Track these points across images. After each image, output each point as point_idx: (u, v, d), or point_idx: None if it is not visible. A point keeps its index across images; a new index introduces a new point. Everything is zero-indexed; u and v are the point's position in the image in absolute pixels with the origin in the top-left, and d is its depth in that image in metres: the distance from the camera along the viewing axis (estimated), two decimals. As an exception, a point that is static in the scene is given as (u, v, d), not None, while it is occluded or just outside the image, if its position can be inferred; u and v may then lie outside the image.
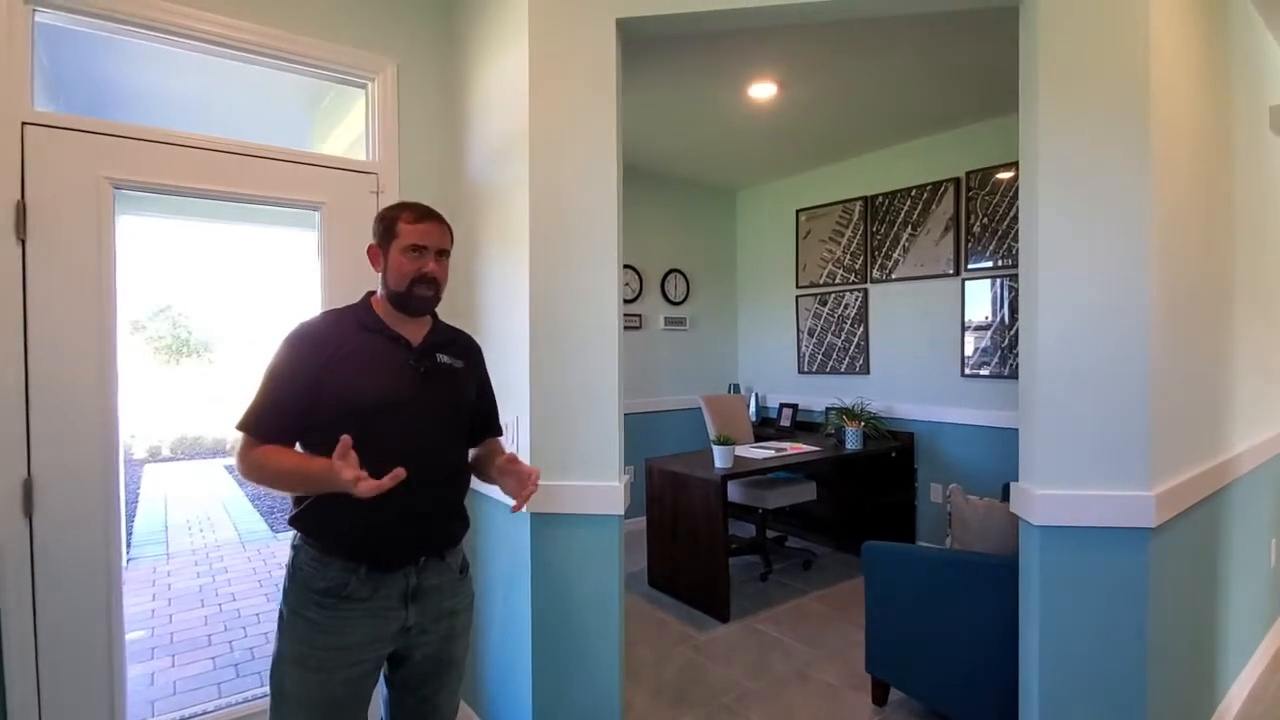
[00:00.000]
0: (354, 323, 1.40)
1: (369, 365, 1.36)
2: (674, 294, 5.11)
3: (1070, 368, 1.68)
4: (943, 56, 2.98)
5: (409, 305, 1.40)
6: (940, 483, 4.11)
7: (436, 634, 1.44)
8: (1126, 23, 1.66)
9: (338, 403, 1.31)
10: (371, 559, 1.34)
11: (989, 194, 3.86)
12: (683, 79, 3.19)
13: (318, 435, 1.31)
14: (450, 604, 1.45)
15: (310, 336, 1.36)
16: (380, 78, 2.20)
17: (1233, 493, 2.30)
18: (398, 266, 1.38)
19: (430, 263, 1.40)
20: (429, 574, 1.41)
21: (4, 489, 1.65)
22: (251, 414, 1.32)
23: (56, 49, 2.49)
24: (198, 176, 1.91)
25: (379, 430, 1.31)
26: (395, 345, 1.40)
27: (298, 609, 1.34)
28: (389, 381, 1.36)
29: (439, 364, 1.45)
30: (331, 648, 1.32)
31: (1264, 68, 2.70)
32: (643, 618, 3.35)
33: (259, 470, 1.30)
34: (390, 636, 1.37)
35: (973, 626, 2.14)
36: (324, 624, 1.32)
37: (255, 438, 1.31)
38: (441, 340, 1.49)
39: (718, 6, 1.81)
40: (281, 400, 1.32)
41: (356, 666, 1.34)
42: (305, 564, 1.35)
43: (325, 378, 1.32)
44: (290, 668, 1.33)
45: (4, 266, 1.65)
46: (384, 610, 1.35)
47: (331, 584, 1.32)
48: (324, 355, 1.33)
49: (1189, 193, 1.91)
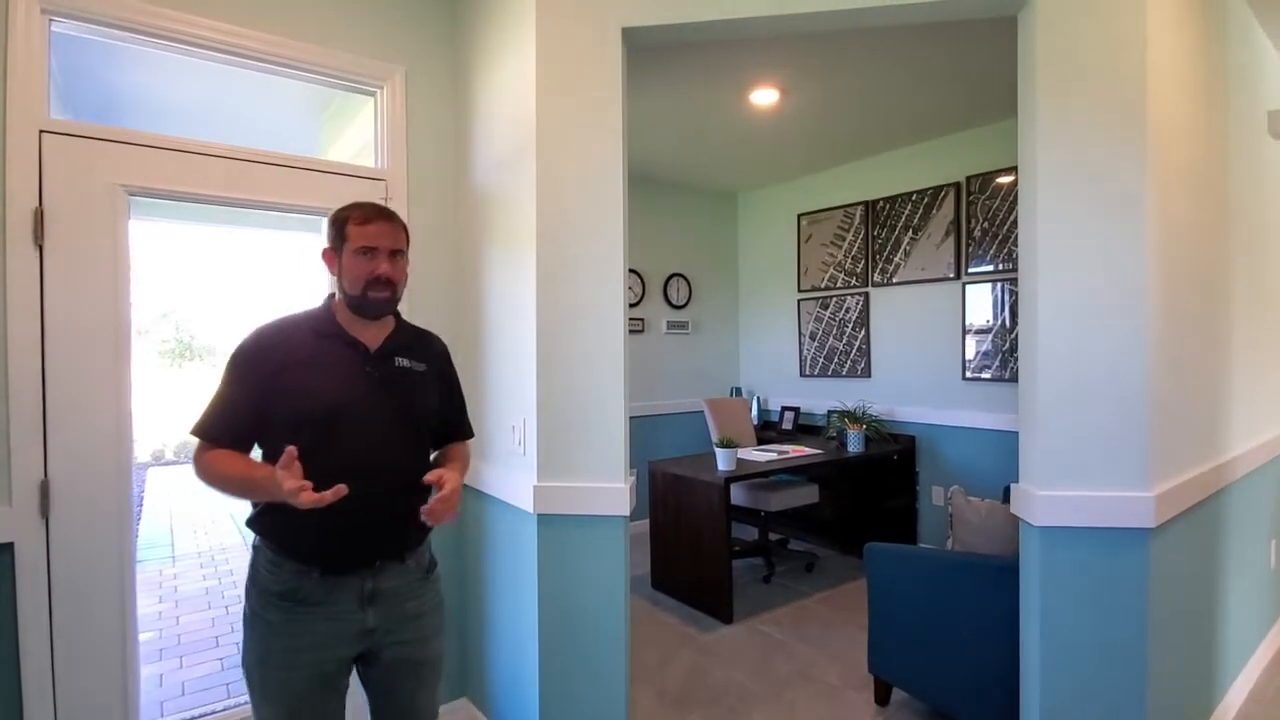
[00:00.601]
0: (309, 328, 1.39)
1: (321, 371, 1.35)
2: (676, 298, 5.14)
3: (1070, 370, 1.70)
4: (942, 62, 3.01)
5: (365, 308, 1.39)
6: (942, 485, 4.13)
7: (404, 637, 1.43)
8: (1123, 29, 1.68)
9: (288, 409, 1.32)
10: (324, 562, 1.33)
11: (989, 198, 3.88)
12: (685, 85, 3.22)
13: (271, 441, 1.33)
14: (414, 606, 1.44)
15: (262, 342, 1.36)
16: (389, 85, 2.24)
17: (1232, 494, 2.32)
18: (351, 269, 1.37)
19: (382, 263, 1.37)
20: (386, 577, 1.40)
21: (22, 491, 1.67)
22: (204, 419, 1.33)
23: (67, 57, 2.52)
24: (209, 183, 1.94)
25: (331, 436, 1.31)
26: (351, 350, 1.39)
27: (257, 610, 1.35)
28: (341, 387, 1.35)
29: (396, 368, 1.44)
30: (291, 649, 1.32)
31: (1261, 73, 2.73)
32: (646, 619, 3.36)
33: (210, 475, 1.30)
34: (350, 638, 1.37)
35: (974, 627, 2.16)
36: (281, 626, 1.33)
37: (208, 442, 1.32)
38: (402, 344, 1.47)
39: (721, 16, 1.84)
40: (231, 407, 1.33)
41: (318, 665, 1.34)
42: (262, 566, 1.36)
43: (276, 384, 1.32)
44: (255, 666, 1.35)
45: (23, 271, 1.68)
46: (341, 613, 1.35)
47: (286, 587, 1.33)
48: (275, 361, 1.33)
49: (1187, 196, 1.94)
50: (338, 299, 1.44)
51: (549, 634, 1.92)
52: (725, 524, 3.31)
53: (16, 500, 1.67)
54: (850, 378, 4.67)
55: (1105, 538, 1.70)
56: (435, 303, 2.33)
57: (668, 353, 5.10)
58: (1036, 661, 1.74)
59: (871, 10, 1.80)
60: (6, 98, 1.66)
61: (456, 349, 2.34)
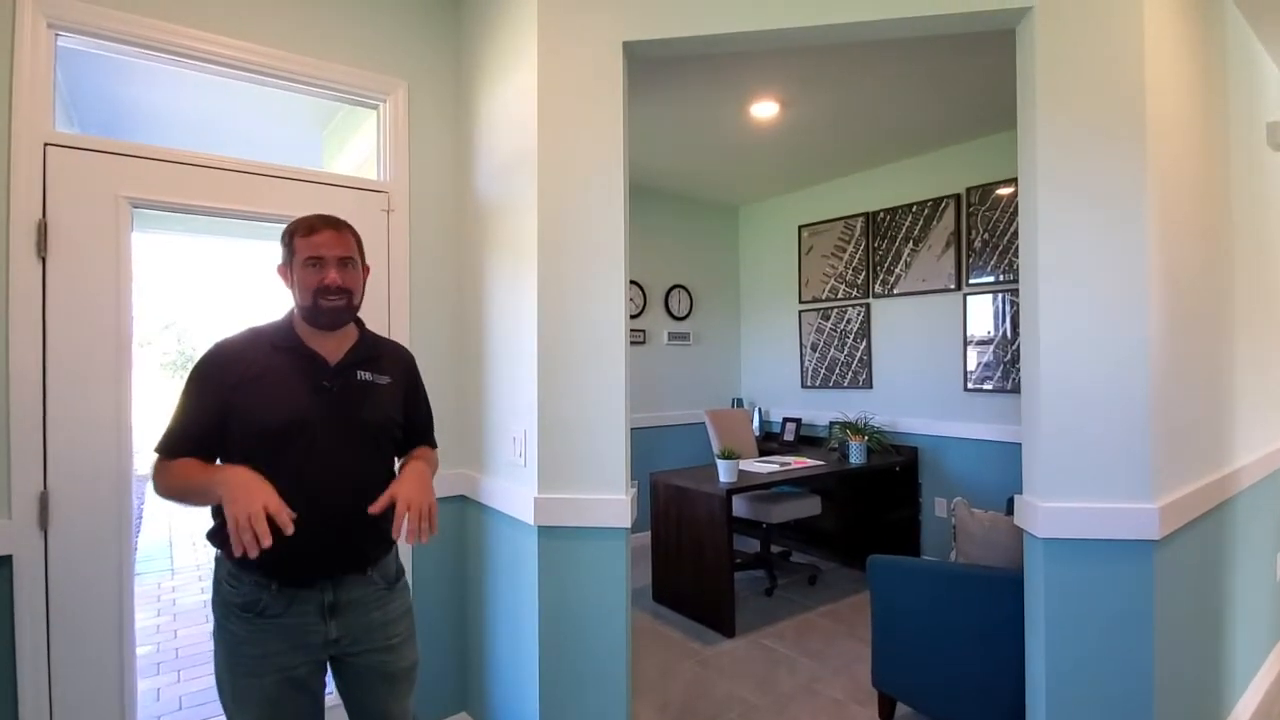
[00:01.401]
0: (268, 342, 1.39)
1: (277, 385, 1.35)
2: (677, 309, 5.15)
3: (1072, 381, 1.70)
4: (942, 75, 3.03)
5: (319, 318, 1.38)
6: (944, 497, 4.11)
7: (373, 646, 1.42)
8: (1121, 42, 1.70)
9: (245, 423, 1.32)
10: (281, 575, 1.33)
11: (989, 209, 3.90)
12: (686, 98, 3.25)
13: (229, 456, 1.34)
14: (380, 615, 1.44)
15: (221, 357, 1.37)
16: (392, 98, 2.25)
17: (1237, 505, 2.30)
18: (301, 281, 1.37)
19: (330, 272, 1.36)
20: (348, 588, 1.39)
21: (21, 502, 1.67)
22: (165, 435, 1.33)
23: (72, 70, 2.55)
24: (213, 195, 1.95)
25: (286, 451, 1.32)
26: (309, 364, 1.39)
27: (222, 621, 1.36)
28: (297, 401, 1.35)
29: (356, 382, 1.43)
30: (255, 657, 1.33)
31: (1259, 85, 2.75)
32: (648, 633, 3.34)
33: (166, 484, 1.30)
34: (315, 648, 1.37)
35: (979, 640, 2.14)
36: (244, 636, 1.34)
37: (168, 457, 1.32)
38: (364, 356, 1.46)
39: (722, 30, 1.85)
40: (189, 424, 1.33)
41: (285, 673, 1.34)
42: (223, 579, 1.37)
43: (233, 399, 1.32)
44: (225, 674, 1.36)
45: (26, 283, 1.68)
46: (302, 625, 1.35)
47: (247, 599, 1.33)
48: (234, 376, 1.34)
49: (1187, 207, 1.94)
50: (296, 313, 1.43)
51: (549, 647, 1.90)
52: (727, 536, 3.30)
53: (16, 512, 1.66)
54: (852, 389, 4.67)
55: (1109, 550, 1.69)
56: (437, 313, 2.33)
57: (669, 364, 5.10)
58: (1042, 674, 1.72)
59: (870, 24, 1.82)
60: (12, 111, 1.67)
61: (457, 359, 2.36)
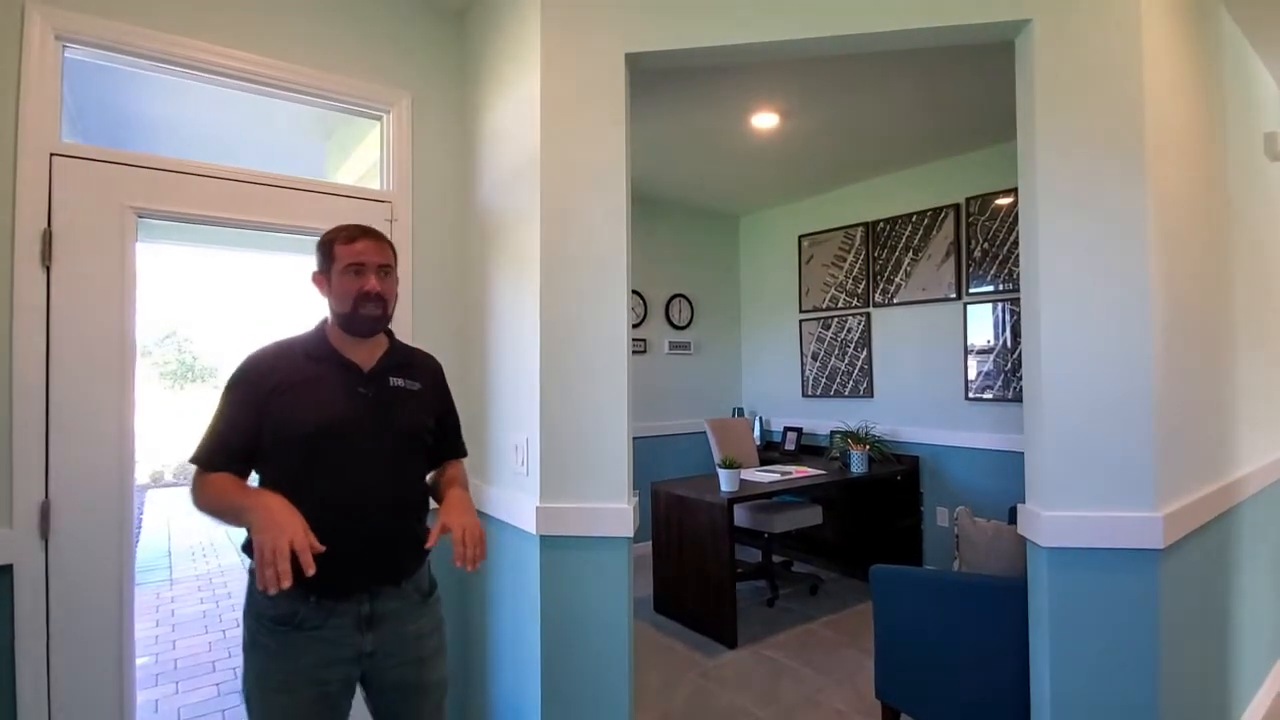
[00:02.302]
0: (301, 352, 1.39)
1: (312, 393, 1.35)
2: (678, 318, 5.16)
3: (1074, 389, 1.70)
4: (941, 86, 3.05)
5: (357, 326, 1.39)
6: (946, 506, 4.10)
7: (404, 659, 1.41)
8: (1120, 54, 1.71)
9: (280, 432, 1.32)
10: (320, 588, 1.31)
11: (989, 219, 3.91)
12: (687, 108, 3.27)
13: (266, 465, 1.33)
14: (414, 628, 1.43)
15: (256, 368, 1.37)
16: (395, 109, 2.27)
17: (1241, 514, 2.30)
18: (340, 288, 1.37)
19: (371, 279, 1.38)
20: (385, 600, 1.38)
21: (22, 511, 1.66)
22: (200, 447, 1.33)
23: (76, 80, 2.56)
24: (218, 205, 1.96)
25: (324, 458, 1.31)
26: (343, 371, 1.39)
27: (256, 634, 1.34)
28: (333, 409, 1.35)
29: (390, 388, 1.43)
30: (287, 671, 1.31)
31: (1256, 96, 2.77)
32: (649, 644, 3.32)
33: (203, 501, 1.30)
34: (348, 661, 1.35)
35: (983, 650, 2.13)
36: (278, 650, 1.32)
37: (205, 469, 1.32)
38: (396, 363, 1.47)
39: (723, 42, 1.87)
40: (227, 432, 1.33)
41: (318, 687, 1.33)
42: (258, 592, 1.34)
43: (270, 408, 1.32)
44: (254, 690, 1.34)
45: (30, 293, 1.69)
46: (338, 638, 1.34)
47: (282, 612, 1.32)
48: (269, 385, 1.34)
49: (1187, 217, 1.95)
50: (330, 322, 1.44)
51: (551, 657, 1.89)
52: (729, 546, 3.29)
53: (17, 521, 1.65)
54: (853, 398, 4.67)
55: (1113, 559, 1.68)
56: (439, 322, 2.34)
57: (670, 373, 5.10)
58: (1047, 685, 1.71)
59: (870, 36, 1.83)
60: (19, 122, 1.68)
61: (460, 369, 2.36)
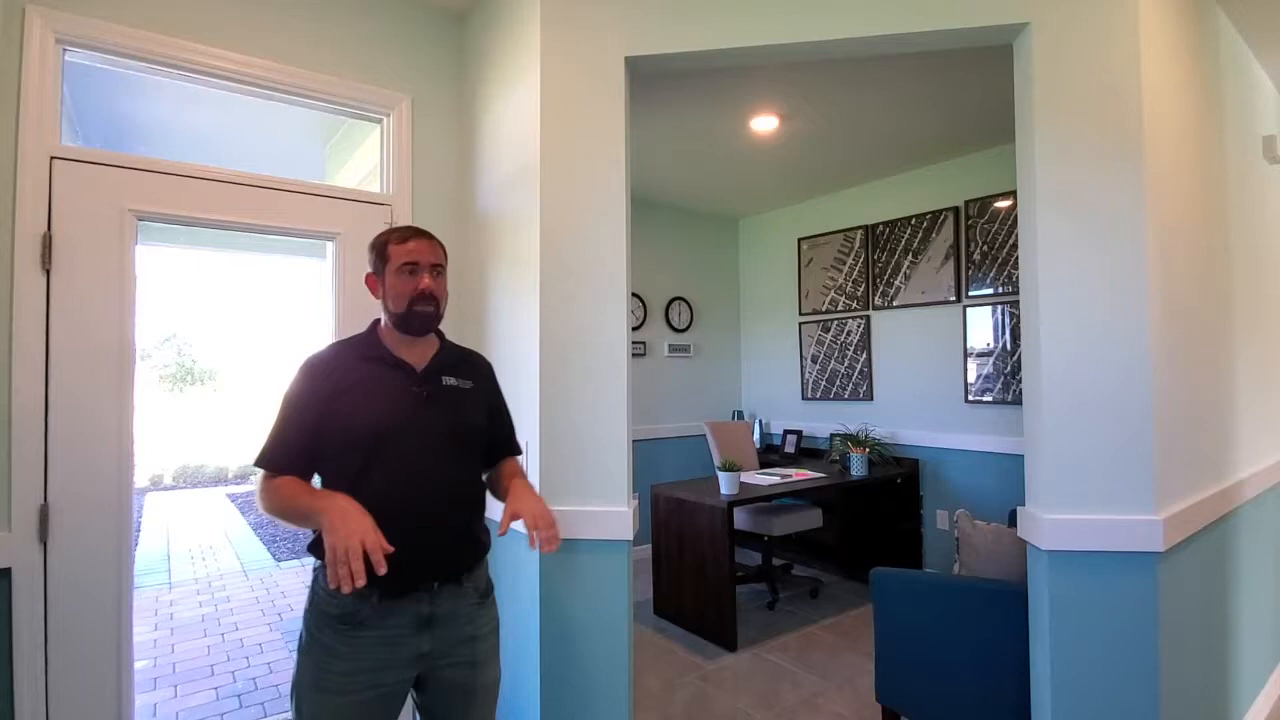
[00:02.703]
0: (356, 353, 1.42)
1: (369, 394, 1.37)
2: (678, 321, 5.16)
3: (1074, 393, 1.70)
4: (940, 89, 3.06)
5: (411, 324, 1.41)
6: (946, 509, 4.10)
7: (459, 660, 1.42)
8: (1118, 57, 1.71)
9: (339, 433, 1.34)
10: (382, 586, 1.32)
11: (988, 222, 3.91)
12: (686, 111, 3.27)
13: (326, 466, 1.36)
14: (470, 629, 1.44)
15: (315, 369, 1.39)
16: (395, 112, 2.27)
17: (1240, 517, 2.30)
18: (394, 288, 1.40)
19: (425, 278, 1.40)
20: (444, 600, 1.40)
21: (21, 515, 1.66)
22: (264, 450, 1.36)
23: (76, 83, 2.57)
24: (218, 208, 1.96)
25: (383, 458, 1.33)
26: (397, 371, 1.41)
27: (315, 633, 1.35)
28: (389, 409, 1.37)
29: (444, 386, 1.45)
30: (346, 672, 1.32)
31: (1254, 99, 2.77)
32: (649, 647, 3.31)
33: (271, 503, 1.33)
34: (406, 663, 1.37)
35: (984, 653, 2.12)
36: (338, 649, 1.33)
37: (270, 471, 1.35)
38: (448, 362, 1.49)
39: (722, 45, 1.87)
40: (289, 434, 1.36)
41: (373, 690, 1.34)
42: (321, 589, 1.36)
43: (328, 410, 1.35)
44: (308, 691, 1.34)
45: (29, 296, 1.69)
46: (398, 637, 1.35)
47: (345, 610, 1.33)
48: (328, 387, 1.36)
49: (1185, 219, 1.95)
50: (383, 323, 1.46)
51: (550, 660, 1.89)
52: (728, 549, 3.28)
53: (16, 525, 1.65)
54: (852, 401, 4.67)
55: (1113, 562, 1.68)
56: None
57: (669, 376, 5.10)
58: (1048, 688, 1.71)
59: (869, 40, 1.84)
60: (19, 126, 1.69)
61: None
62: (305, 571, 5.18)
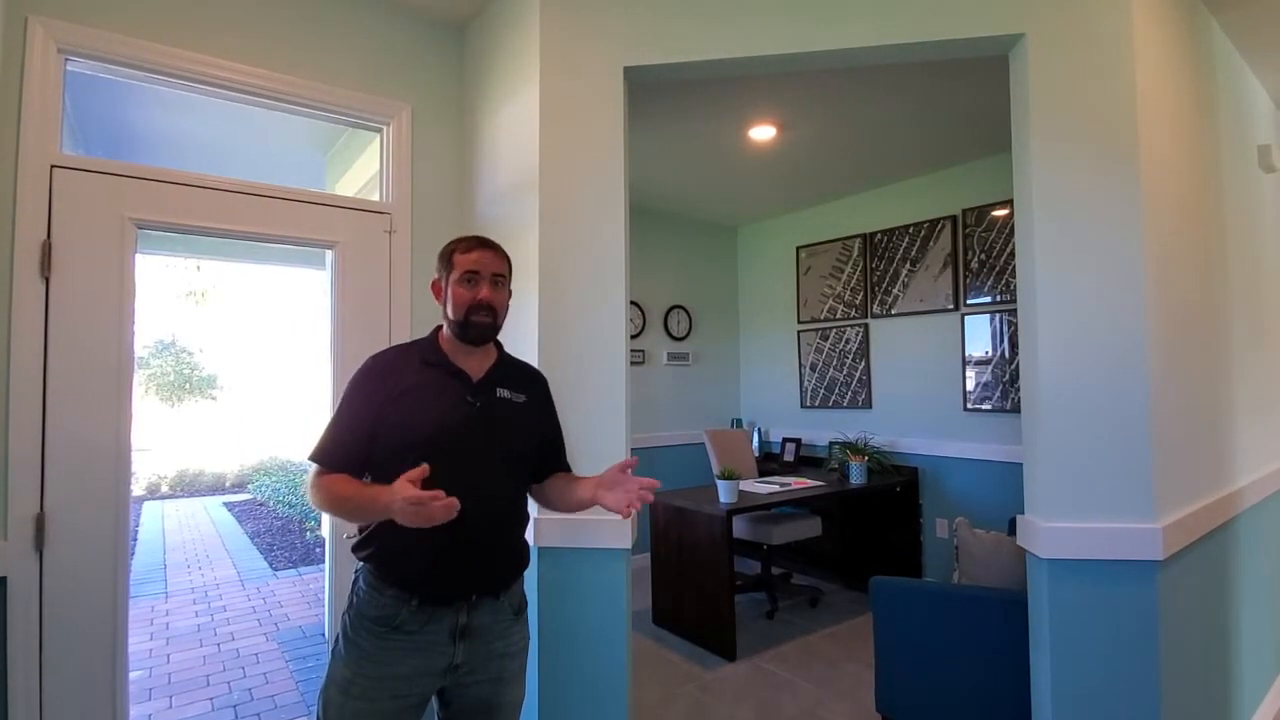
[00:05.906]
0: (417, 357, 1.44)
1: (425, 399, 1.38)
2: (676, 330, 5.16)
3: (1072, 401, 1.70)
4: (937, 99, 3.07)
5: (468, 333, 1.42)
6: (945, 518, 4.09)
7: (486, 676, 1.41)
8: (1113, 67, 1.73)
9: (393, 436, 1.35)
10: (423, 591, 1.34)
11: (985, 231, 3.93)
12: (685, 120, 3.29)
13: (379, 468, 1.36)
14: (501, 645, 1.43)
15: (376, 370, 1.41)
16: (395, 121, 2.28)
17: (1240, 525, 2.29)
18: (455, 296, 1.42)
19: (484, 288, 1.41)
20: (480, 612, 1.39)
21: (17, 524, 1.65)
22: (320, 445, 1.38)
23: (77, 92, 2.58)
24: (218, 216, 1.97)
25: (432, 465, 1.32)
26: (454, 380, 1.42)
27: (352, 634, 1.35)
28: (443, 416, 1.37)
29: (498, 398, 1.46)
30: (376, 677, 1.32)
31: (1248, 108, 2.79)
32: (648, 656, 3.30)
33: (324, 497, 1.33)
34: (437, 673, 1.36)
35: (984, 662, 2.11)
36: (372, 653, 1.33)
37: (324, 467, 1.36)
38: (504, 374, 1.50)
39: (721, 55, 1.88)
40: (345, 433, 1.38)
41: (400, 699, 1.33)
42: (363, 590, 1.37)
43: (385, 411, 1.36)
44: (335, 693, 1.33)
45: (28, 304, 1.69)
46: (432, 645, 1.35)
47: (384, 613, 1.33)
48: (386, 388, 1.38)
49: (1181, 228, 1.96)
50: (444, 331, 1.48)
51: (549, 670, 1.88)
52: (728, 558, 3.27)
53: (11, 533, 1.65)
54: (851, 409, 4.67)
55: (1113, 570, 1.68)
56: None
57: (668, 384, 5.09)
58: (1048, 697, 1.70)
59: (867, 50, 1.85)
60: (20, 135, 1.69)
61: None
62: (301, 581, 5.15)
